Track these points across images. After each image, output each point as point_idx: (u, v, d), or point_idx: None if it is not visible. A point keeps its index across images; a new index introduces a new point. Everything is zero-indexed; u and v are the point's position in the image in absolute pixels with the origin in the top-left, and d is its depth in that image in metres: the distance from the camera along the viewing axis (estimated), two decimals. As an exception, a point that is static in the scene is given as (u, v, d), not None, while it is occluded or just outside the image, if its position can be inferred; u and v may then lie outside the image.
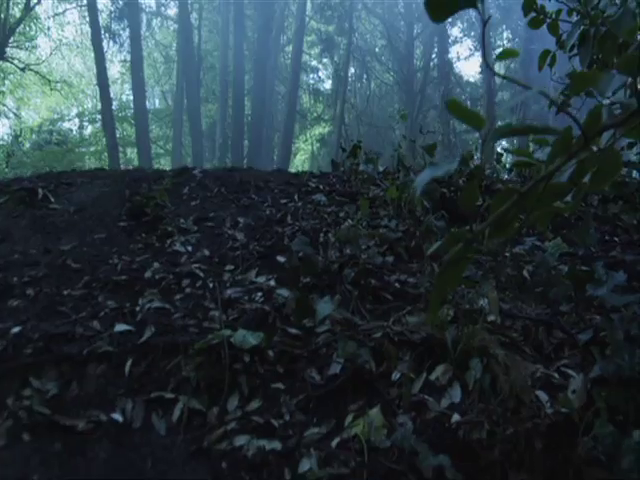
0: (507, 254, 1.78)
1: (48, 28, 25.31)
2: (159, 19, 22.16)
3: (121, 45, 20.84)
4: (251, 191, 2.04)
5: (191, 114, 15.53)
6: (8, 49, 21.62)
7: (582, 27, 2.22)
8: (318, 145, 28.26)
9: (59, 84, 25.65)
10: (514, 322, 1.30)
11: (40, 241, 1.61)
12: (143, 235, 1.68)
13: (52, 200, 1.78)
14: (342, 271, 1.43)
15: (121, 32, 19.25)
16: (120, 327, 1.17)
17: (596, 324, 1.29)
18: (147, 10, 21.06)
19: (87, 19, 15.12)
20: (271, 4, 16.42)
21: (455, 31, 26.78)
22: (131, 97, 16.71)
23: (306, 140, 27.88)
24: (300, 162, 31.20)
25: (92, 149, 23.40)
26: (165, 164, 24.00)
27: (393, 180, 2.14)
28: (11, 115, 28.86)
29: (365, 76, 24.51)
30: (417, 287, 1.42)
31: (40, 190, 1.82)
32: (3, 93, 24.41)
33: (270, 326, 1.22)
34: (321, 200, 1.81)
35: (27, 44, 23.68)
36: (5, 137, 28.77)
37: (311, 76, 23.76)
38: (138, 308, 1.24)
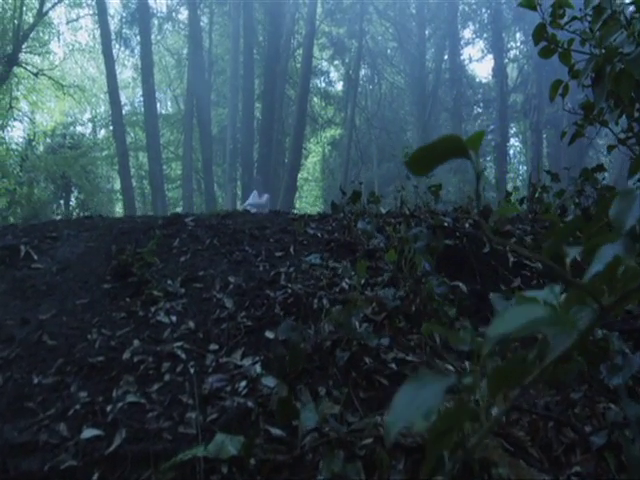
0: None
1: (59, 32, 25.49)
2: (170, 23, 22.18)
3: (132, 50, 20.92)
4: (245, 242, 1.94)
5: (201, 120, 15.52)
6: (22, 55, 21.82)
7: (596, 61, 2.10)
8: (329, 147, 28.19)
9: (72, 89, 25.85)
10: (521, 417, 1.19)
11: (19, 308, 1.53)
12: (127, 300, 1.59)
13: (35, 258, 1.70)
14: (334, 350, 1.33)
15: (132, 37, 19.32)
16: (88, 433, 1.08)
17: (612, 422, 1.17)
18: (158, 15, 21.09)
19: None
20: (281, 9, 16.35)
21: (467, 33, 26.58)
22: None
23: (317, 142, 27.81)
24: (312, 164, 31.18)
25: (104, 153, 23.51)
26: (176, 168, 24.06)
27: (394, 230, 2.03)
28: (25, 119, 29.14)
29: (376, 78, 24.34)
30: (417, 369, 1.31)
31: (23, 247, 1.74)
32: (17, 98, 24.63)
33: (253, 425, 1.12)
34: (316, 262, 1.71)
35: (40, 49, 23.89)
36: (20, 140, 29.09)
37: (322, 79, 23.64)
38: (110, 407, 1.14)
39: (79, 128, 29.23)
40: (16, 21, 21.05)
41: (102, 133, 25.29)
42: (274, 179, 16.99)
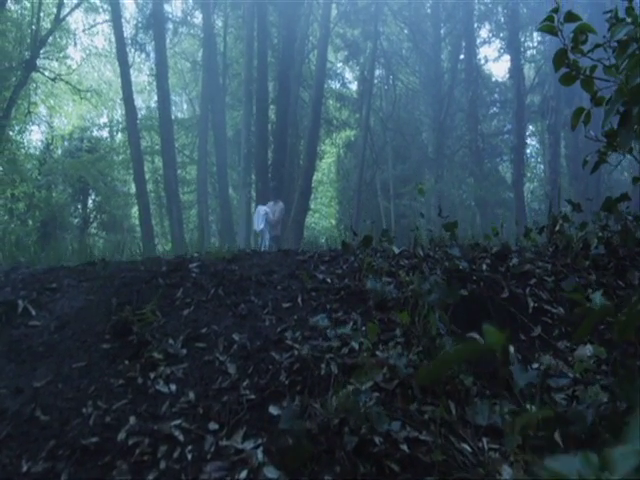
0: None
1: (76, 36, 25.73)
2: (185, 27, 22.25)
3: (148, 55, 21.01)
4: (251, 290, 1.86)
5: (216, 125, 15.51)
6: (39, 60, 22.05)
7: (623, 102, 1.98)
8: (344, 149, 28.08)
9: (89, 93, 26.09)
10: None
11: (14, 373, 1.47)
12: (126, 362, 1.52)
13: (33, 314, 1.64)
14: (342, 429, 1.24)
15: (148, 42, 19.40)
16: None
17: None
18: (174, 19, 21.17)
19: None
20: (295, 12, 16.26)
21: (483, 32, 26.27)
22: (159, 105, 16.73)
23: (332, 143, 27.70)
24: (327, 165, 31.08)
25: (121, 157, 23.68)
26: (191, 172, 24.14)
27: (408, 275, 1.94)
28: (43, 123, 29.50)
29: (391, 79, 24.15)
30: (430, 452, 1.22)
31: (20, 302, 1.68)
32: (35, 103, 24.92)
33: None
34: (324, 324, 1.62)
35: (58, 55, 24.14)
36: (38, 144, 29.45)
37: (336, 81, 23.53)
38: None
39: (96, 131, 29.53)
40: (34, 27, 21.29)
41: (119, 136, 25.47)
42: (289, 183, 16.94)
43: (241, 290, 1.86)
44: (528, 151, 29.63)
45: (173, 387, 1.42)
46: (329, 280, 1.96)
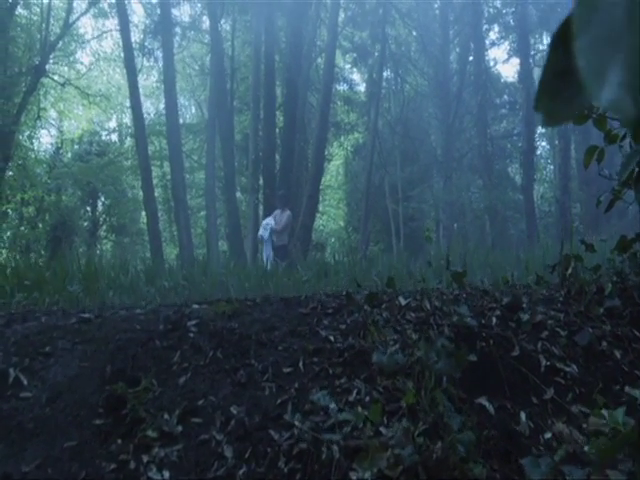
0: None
1: (85, 40, 25.84)
2: (193, 32, 22.25)
3: (156, 60, 21.05)
4: (251, 351, 1.80)
5: (223, 133, 15.47)
6: (48, 65, 22.16)
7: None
8: (352, 150, 27.99)
9: (98, 97, 26.19)
10: None
11: (2, 454, 1.41)
12: (119, 442, 1.46)
13: (25, 383, 1.58)
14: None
15: (156, 48, 19.44)
16: None
17: None
18: (182, 24, 21.19)
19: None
20: (303, 16, 16.19)
21: (492, 34, 26.04)
22: (167, 109, 16.68)
23: (340, 146, 27.61)
24: (335, 168, 31.00)
25: (130, 162, 23.71)
26: (199, 177, 24.14)
27: (415, 340, 1.86)
28: (53, 127, 29.68)
29: (399, 81, 24.00)
30: None
31: (12, 371, 1.63)
32: (45, 109, 25.06)
33: None
34: (325, 403, 1.55)
35: (67, 59, 24.26)
36: (48, 147, 29.65)
37: (344, 84, 23.42)
38: None
39: (105, 136, 29.66)
40: (43, 32, 21.41)
41: (128, 140, 25.53)
42: (296, 187, 16.88)
43: (241, 352, 1.80)
44: (538, 152, 29.39)
45: (167, 474, 1.35)
46: (332, 338, 1.89)
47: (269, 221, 9.59)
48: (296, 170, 16.46)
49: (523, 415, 1.68)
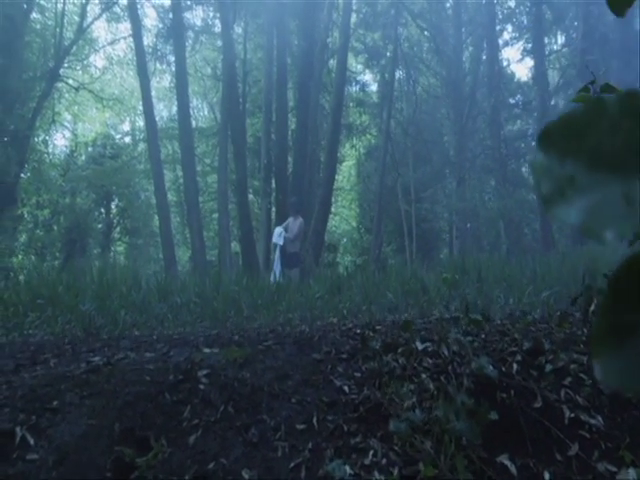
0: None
1: (97, 43, 26.01)
2: (205, 36, 22.29)
3: (168, 64, 21.11)
4: (263, 405, 1.74)
5: (235, 136, 15.41)
6: (62, 69, 22.33)
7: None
8: (364, 151, 27.87)
9: (111, 101, 26.36)
10: None
11: (9, 523, 1.37)
12: (127, 513, 1.41)
13: (31, 443, 1.55)
14: None
15: (168, 53, 19.51)
16: None
17: None
18: (194, 28, 21.23)
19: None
20: (315, 19, 16.12)
21: (506, 34, 25.77)
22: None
23: (352, 146, 27.49)
24: (347, 169, 30.89)
25: (142, 166, 23.84)
26: (211, 182, 24.17)
27: (432, 379, 1.79)
28: (67, 130, 29.95)
29: (412, 82, 23.82)
30: None
31: (19, 430, 1.58)
32: (59, 113, 25.27)
33: None
34: (340, 473, 1.48)
35: (81, 64, 24.43)
36: (63, 149, 29.93)
37: (356, 87, 23.31)
38: None
39: (119, 138, 29.85)
40: (57, 37, 21.57)
41: (141, 145, 25.63)
42: (308, 191, 16.82)
43: (253, 405, 1.74)
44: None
45: None
46: (347, 389, 1.83)
47: (282, 230, 9.57)
48: (308, 173, 16.39)
49: (547, 475, 1.60)
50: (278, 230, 9.66)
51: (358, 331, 2.41)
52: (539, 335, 2.14)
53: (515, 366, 1.96)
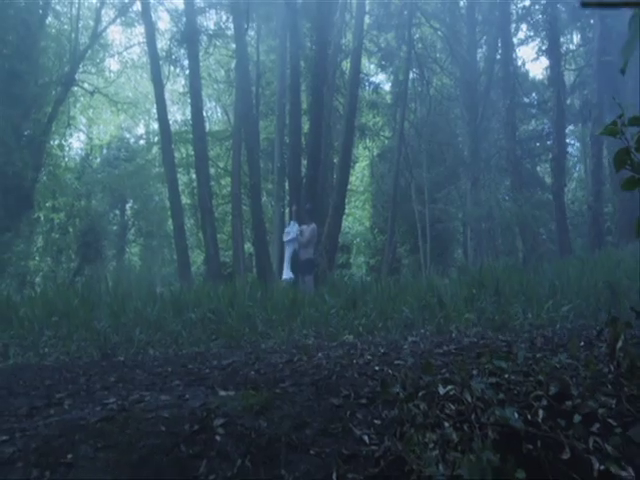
0: None
1: (112, 47, 26.20)
2: (219, 40, 22.31)
3: (182, 68, 21.16)
4: (281, 457, 1.70)
5: (248, 140, 15.40)
6: (77, 74, 22.52)
7: None
8: (378, 152, 27.76)
9: (125, 105, 26.54)
10: None
11: None
12: None
13: (45, 503, 1.51)
14: None
15: (182, 58, 19.57)
16: None
17: None
18: (207, 32, 21.26)
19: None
20: (328, 21, 16.03)
21: (520, 33, 25.48)
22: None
23: (365, 147, 27.37)
24: (360, 169, 30.79)
25: (156, 170, 23.96)
26: (225, 185, 24.20)
27: (455, 427, 1.73)
28: (83, 133, 30.22)
29: (425, 83, 23.63)
30: None
31: (32, 487, 1.55)
32: (75, 117, 25.50)
33: None
34: None
35: (95, 68, 24.62)
36: (78, 151, 30.22)
37: (369, 89, 23.18)
38: None
39: (133, 140, 30.06)
40: (72, 42, 21.75)
41: (155, 149, 25.74)
42: (322, 195, 16.76)
43: (270, 458, 1.69)
44: (569, 149, 28.68)
45: None
46: (367, 439, 1.78)
47: (292, 229, 9.54)
48: (321, 177, 16.33)
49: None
50: (287, 229, 9.62)
51: (377, 368, 2.35)
52: (565, 377, 2.07)
53: (541, 413, 1.90)
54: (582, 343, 2.77)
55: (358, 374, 2.27)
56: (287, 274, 9.04)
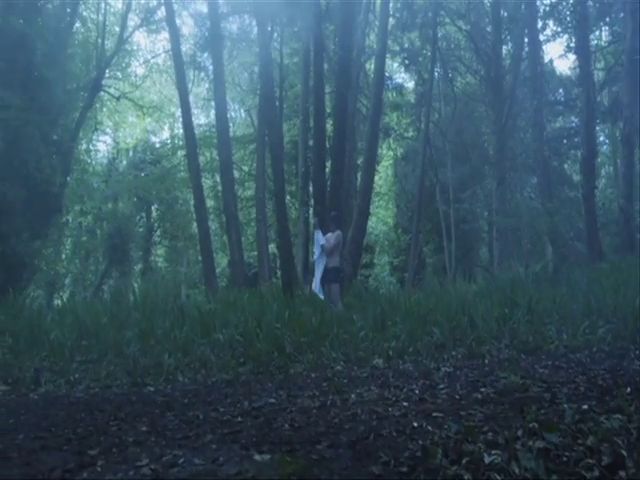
0: None
1: (137, 55, 26.46)
2: (243, 43, 22.37)
3: (206, 72, 21.27)
4: (321, 538, 1.63)
5: (272, 145, 15.32)
6: (104, 79, 22.79)
7: None
8: (402, 152, 27.52)
9: (151, 109, 26.79)
10: None
11: None
12: None
13: None
14: None
15: (205, 57, 19.70)
16: None
17: None
18: (231, 37, 21.36)
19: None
20: (351, 23, 15.87)
21: (547, 30, 24.92)
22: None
23: (389, 147, 27.14)
24: (383, 169, 30.54)
25: (182, 174, 24.06)
26: (249, 188, 24.26)
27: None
28: (109, 137, 30.64)
29: (449, 82, 23.31)
30: None
31: None
32: (101, 122, 25.86)
33: None
34: None
35: (121, 73, 24.90)
36: (105, 154, 30.65)
37: (392, 89, 22.96)
38: None
39: (159, 146, 30.33)
40: (99, 48, 22.01)
41: (180, 152, 25.90)
42: (346, 199, 16.65)
43: (309, 539, 1.63)
44: (602, 146, 28.00)
45: None
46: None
47: (320, 238, 9.47)
48: (346, 182, 16.21)
49: None
50: (317, 238, 9.56)
51: (415, 424, 2.27)
52: (618, 441, 1.95)
53: (593, 484, 1.79)
54: (628, 389, 2.64)
55: (396, 432, 2.19)
56: (318, 287, 9.00)
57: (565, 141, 24.05)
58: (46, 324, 5.61)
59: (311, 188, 16.62)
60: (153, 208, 30.65)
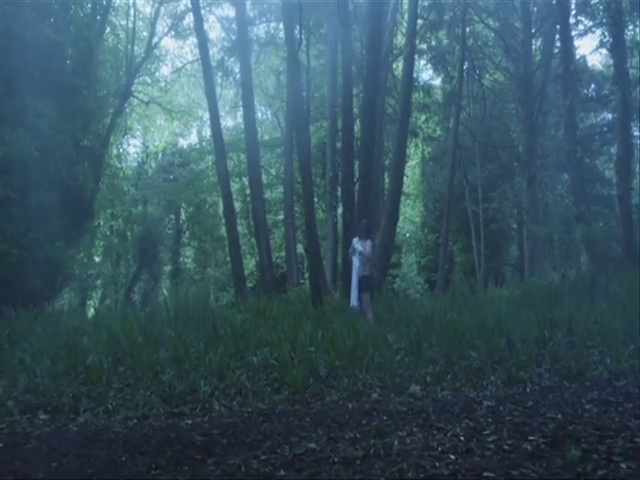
0: None
1: (165, 60, 26.75)
2: (270, 47, 22.40)
3: (234, 77, 21.35)
4: None
5: (300, 150, 15.25)
6: (133, 85, 23.11)
7: None
8: (430, 153, 27.21)
9: (179, 113, 27.06)
10: None
11: None
12: None
13: None
14: None
15: (233, 68, 19.81)
16: None
17: None
18: (258, 42, 21.42)
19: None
20: (379, 27, 15.69)
21: (580, 26, 24.26)
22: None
23: (416, 146, 26.85)
24: (410, 169, 30.22)
25: (210, 179, 24.24)
26: (276, 189, 24.32)
27: None
28: (138, 140, 31.09)
29: (478, 80, 22.88)
30: None
31: None
32: (131, 128, 26.23)
33: None
34: None
35: (150, 79, 25.20)
36: (134, 156, 31.10)
37: (420, 88, 22.66)
38: None
39: (187, 148, 30.63)
40: (129, 54, 22.29)
41: (208, 157, 26.09)
42: (375, 202, 16.51)
43: None
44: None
45: None
46: None
47: (358, 247, 9.34)
48: (374, 186, 16.08)
49: None
50: (354, 244, 9.42)
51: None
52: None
53: None
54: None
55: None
56: (355, 297, 8.93)
57: (597, 137, 23.46)
58: (82, 344, 5.67)
59: (339, 192, 16.55)
60: (182, 210, 31.03)
